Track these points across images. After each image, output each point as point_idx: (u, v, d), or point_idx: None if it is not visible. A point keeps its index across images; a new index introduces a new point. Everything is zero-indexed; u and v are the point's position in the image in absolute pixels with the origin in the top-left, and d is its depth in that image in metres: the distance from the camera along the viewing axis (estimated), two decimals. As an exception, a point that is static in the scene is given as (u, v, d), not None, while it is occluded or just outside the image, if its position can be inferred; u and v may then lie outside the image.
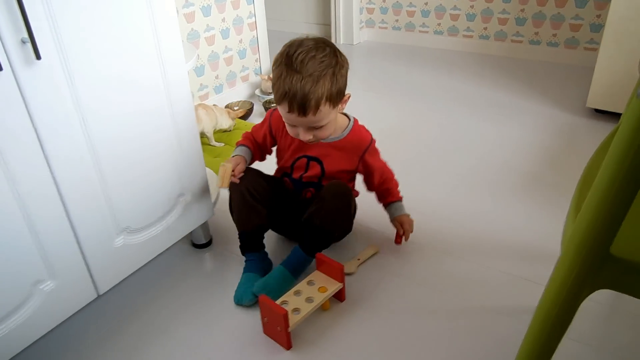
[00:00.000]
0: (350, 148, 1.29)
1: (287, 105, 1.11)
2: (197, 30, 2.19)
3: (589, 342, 1.08)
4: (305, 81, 1.08)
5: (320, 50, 1.12)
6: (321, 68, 1.10)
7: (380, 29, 3.44)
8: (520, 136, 2.01)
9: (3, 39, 0.83)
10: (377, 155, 1.36)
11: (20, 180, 0.91)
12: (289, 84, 1.09)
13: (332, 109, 1.15)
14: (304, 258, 1.26)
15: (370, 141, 1.31)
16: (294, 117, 1.13)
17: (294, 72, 1.09)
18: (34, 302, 0.99)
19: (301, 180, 1.33)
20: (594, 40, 2.72)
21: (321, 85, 1.09)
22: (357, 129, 1.31)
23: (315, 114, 1.12)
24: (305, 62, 1.09)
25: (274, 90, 1.14)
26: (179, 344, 1.13)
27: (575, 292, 0.63)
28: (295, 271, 1.26)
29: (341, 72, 1.15)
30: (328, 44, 1.15)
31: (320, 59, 1.11)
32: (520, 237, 1.42)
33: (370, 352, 1.09)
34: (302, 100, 1.09)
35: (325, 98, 1.11)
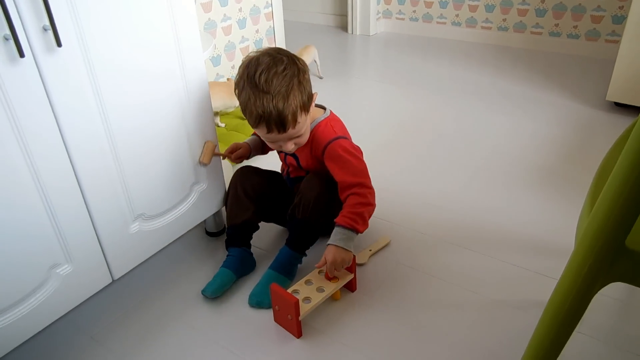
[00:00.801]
0: (312, 147, 1.24)
1: (265, 126, 1.11)
2: (214, 20, 2.19)
3: (599, 337, 1.07)
4: (277, 99, 1.07)
5: (280, 63, 1.10)
6: (287, 81, 1.09)
7: (397, 20, 3.41)
8: (538, 129, 1.98)
9: (25, 26, 0.84)
10: (339, 161, 1.19)
11: (41, 168, 0.92)
12: (261, 107, 1.08)
13: (307, 115, 1.16)
14: (291, 255, 1.24)
15: (327, 142, 1.19)
16: (274, 135, 1.13)
17: (262, 94, 1.08)
18: (50, 285, 1.01)
19: (289, 177, 1.36)
20: (616, 32, 2.66)
21: (293, 98, 1.09)
22: (323, 125, 1.22)
23: (294, 126, 1.12)
24: (270, 81, 1.08)
25: (247, 115, 1.13)
26: (190, 330, 1.14)
27: (589, 285, 0.62)
28: (285, 270, 1.24)
29: (305, 77, 1.14)
30: (283, 53, 1.13)
31: (282, 72, 1.09)
32: (534, 231, 1.41)
33: (379, 343, 1.09)
34: (279, 118, 1.09)
35: (300, 108, 1.11)
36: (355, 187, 1.17)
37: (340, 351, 1.08)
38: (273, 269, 1.24)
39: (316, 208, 1.20)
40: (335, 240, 1.13)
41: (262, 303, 1.19)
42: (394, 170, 1.74)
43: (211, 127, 1.27)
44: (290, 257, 1.25)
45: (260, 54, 1.13)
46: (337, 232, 1.15)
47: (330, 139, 1.20)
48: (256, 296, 1.20)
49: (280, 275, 1.23)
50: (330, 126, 1.23)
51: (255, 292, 1.20)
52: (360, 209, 1.15)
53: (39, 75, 0.88)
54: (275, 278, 1.22)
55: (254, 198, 1.30)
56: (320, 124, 1.23)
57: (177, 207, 1.25)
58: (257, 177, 1.32)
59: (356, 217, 1.15)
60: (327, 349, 1.08)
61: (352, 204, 1.16)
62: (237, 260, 1.26)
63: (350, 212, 1.15)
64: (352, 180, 1.17)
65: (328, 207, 1.22)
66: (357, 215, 1.15)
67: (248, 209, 1.28)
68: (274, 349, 1.09)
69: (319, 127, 1.23)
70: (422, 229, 1.43)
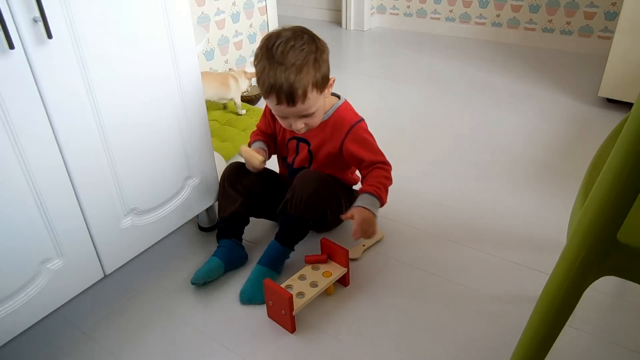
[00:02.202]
0: (332, 129, 1.26)
1: (275, 97, 1.12)
2: (208, 14, 2.18)
3: (590, 331, 1.08)
4: (289, 71, 1.09)
5: (299, 39, 1.12)
6: (302, 56, 1.10)
7: (391, 15, 3.41)
8: (531, 125, 1.99)
9: (15, 17, 0.83)
10: (364, 142, 1.24)
11: (31, 161, 0.91)
12: (274, 77, 1.10)
13: (319, 95, 1.16)
14: (280, 250, 1.24)
15: (352, 124, 1.24)
16: (283, 108, 1.14)
17: (277, 64, 1.10)
18: (41, 280, 1.00)
19: (293, 166, 1.35)
20: (609, 28, 2.67)
21: (305, 73, 1.10)
22: (343, 109, 1.27)
23: (304, 102, 1.12)
24: (286, 53, 1.10)
25: (260, 84, 1.15)
26: (183, 325, 1.14)
27: (580, 278, 0.62)
28: (274, 265, 1.23)
29: (323, 57, 1.15)
30: (306, 32, 1.15)
31: (300, 47, 1.11)
32: (527, 226, 1.41)
33: (373, 337, 1.09)
34: (289, 90, 1.10)
35: (312, 85, 1.12)
36: (379, 163, 1.24)
37: (334, 346, 1.08)
38: (262, 265, 1.23)
39: (309, 204, 1.20)
40: (364, 204, 1.17)
41: (254, 299, 1.18)
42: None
43: (204, 120, 1.26)
44: (280, 252, 1.24)
45: (283, 29, 1.15)
46: (364, 197, 1.19)
47: (355, 120, 1.25)
48: (247, 293, 1.19)
49: (269, 270, 1.22)
50: (350, 109, 1.29)
51: (245, 288, 1.20)
52: (384, 181, 1.22)
53: (29, 67, 0.87)
54: (265, 273, 1.21)
55: (242, 192, 1.30)
56: (340, 108, 1.27)
57: (170, 202, 1.24)
58: (246, 172, 1.32)
59: (382, 187, 1.21)
60: (321, 343, 1.08)
61: (377, 175, 1.22)
62: (226, 250, 1.26)
63: (377, 182, 1.20)
64: (376, 158, 1.24)
65: (321, 204, 1.23)
66: (383, 186, 1.21)
67: (236, 201, 1.28)
68: (268, 344, 1.09)
69: (339, 111, 1.26)
70: (415, 225, 1.43)
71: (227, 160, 1.77)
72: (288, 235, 1.24)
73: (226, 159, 1.76)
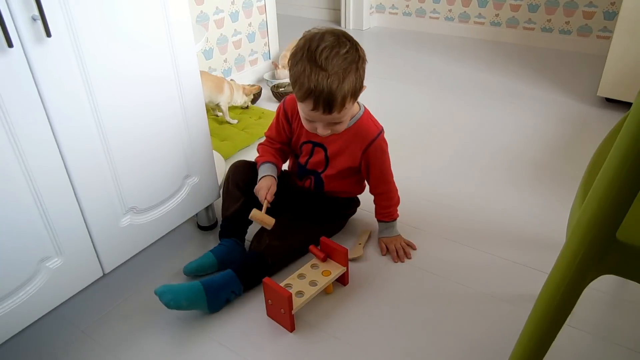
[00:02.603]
0: (354, 138, 1.25)
1: (312, 102, 1.08)
2: (207, 13, 2.17)
3: (589, 330, 1.08)
4: (332, 79, 1.06)
5: (343, 46, 1.09)
6: (345, 65, 1.07)
7: (390, 15, 3.41)
8: (530, 124, 1.99)
9: (14, 15, 0.83)
10: (383, 154, 1.28)
11: (30, 159, 0.91)
12: (315, 82, 1.06)
13: (353, 104, 1.15)
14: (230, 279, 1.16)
15: (376, 135, 1.25)
16: (317, 114, 1.11)
17: (319, 69, 1.06)
18: (40, 278, 1.00)
19: (305, 167, 1.34)
20: (608, 28, 2.67)
21: (347, 83, 1.07)
22: (366, 119, 1.26)
23: (340, 111, 1.11)
24: (330, 59, 1.06)
25: (296, 86, 1.10)
26: (182, 324, 1.14)
27: (579, 277, 0.62)
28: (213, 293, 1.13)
29: (363, 67, 1.13)
30: (348, 38, 1.12)
31: (344, 55, 1.08)
32: (526, 225, 1.41)
33: (372, 336, 1.09)
34: (329, 98, 1.07)
35: (350, 94, 1.10)
36: (389, 186, 1.32)
37: (333, 345, 1.08)
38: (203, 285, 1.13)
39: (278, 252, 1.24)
40: (392, 233, 1.34)
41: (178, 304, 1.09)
42: (387, 165, 1.74)
43: (203, 119, 1.26)
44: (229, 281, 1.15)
45: (325, 31, 1.11)
46: (387, 226, 1.34)
47: (377, 132, 1.26)
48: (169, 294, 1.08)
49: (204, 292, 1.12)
50: (371, 120, 1.28)
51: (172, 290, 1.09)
52: (394, 203, 1.35)
53: (28, 66, 0.87)
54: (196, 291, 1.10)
55: (245, 190, 1.30)
56: (363, 119, 1.26)
57: (169, 201, 1.24)
58: (250, 171, 1.32)
59: (394, 210, 1.34)
60: (320, 342, 1.08)
61: (387, 205, 1.33)
62: (224, 248, 1.26)
63: (389, 208, 1.33)
64: (388, 179, 1.32)
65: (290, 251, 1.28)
66: (394, 209, 1.34)
67: (238, 200, 1.29)
68: (267, 343, 1.09)
69: (362, 122, 1.25)
70: (414, 224, 1.43)
71: (226, 159, 1.77)
72: (247, 270, 1.19)
73: (225, 158, 1.76)
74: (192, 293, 1.10)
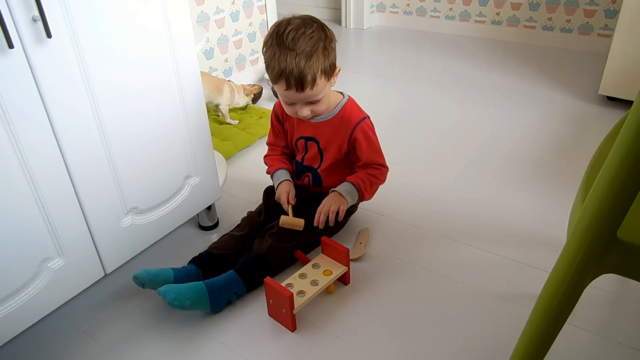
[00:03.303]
0: (340, 125, 1.29)
1: (285, 82, 1.14)
2: (207, 13, 2.17)
3: (591, 329, 1.08)
4: (300, 57, 1.11)
5: (309, 27, 1.15)
6: (312, 43, 1.13)
7: (391, 14, 3.40)
8: (530, 123, 1.99)
9: (14, 17, 0.83)
10: (368, 136, 1.30)
11: (30, 159, 0.91)
12: (284, 62, 1.11)
13: (327, 82, 1.19)
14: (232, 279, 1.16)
15: (360, 119, 1.29)
16: (291, 93, 1.16)
17: (287, 50, 1.12)
18: (42, 279, 1.00)
19: (302, 163, 1.36)
20: (609, 26, 2.67)
21: (315, 60, 1.13)
22: (349, 106, 1.31)
23: (312, 87, 1.15)
24: (297, 39, 1.12)
25: (269, 70, 1.17)
26: (184, 324, 1.14)
27: (580, 276, 0.62)
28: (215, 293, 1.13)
29: (331, 45, 1.18)
30: (315, 20, 1.18)
31: (310, 34, 1.14)
32: (527, 224, 1.41)
33: (373, 335, 1.09)
34: (299, 76, 1.12)
35: (321, 71, 1.14)
36: (375, 164, 1.31)
37: (334, 344, 1.08)
38: (206, 285, 1.13)
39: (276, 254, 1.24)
40: (340, 189, 1.27)
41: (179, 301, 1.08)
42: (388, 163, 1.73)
43: (204, 120, 1.26)
44: (231, 282, 1.15)
45: (292, 16, 1.18)
46: (345, 184, 1.28)
47: (361, 117, 1.30)
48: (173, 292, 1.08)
49: (207, 292, 1.12)
50: (355, 107, 1.32)
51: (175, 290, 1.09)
52: (373, 179, 1.30)
53: (29, 67, 0.87)
54: (198, 292, 1.10)
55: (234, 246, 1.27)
56: (347, 105, 1.30)
57: (170, 201, 1.24)
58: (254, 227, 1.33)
59: (367, 182, 1.29)
60: (322, 342, 1.08)
61: (369, 173, 1.30)
62: (184, 272, 1.18)
63: (364, 176, 1.29)
64: (377, 160, 1.31)
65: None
66: (369, 182, 1.29)
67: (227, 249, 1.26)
68: (269, 342, 1.09)
69: (346, 108, 1.30)
70: (415, 223, 1.43)
71: (227, 159, 1.77)
72: (250, 271, 1.19)
73: (226, 158, 1.76)
74: (195, 293, 1.10)
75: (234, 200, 1.56)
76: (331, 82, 1.22)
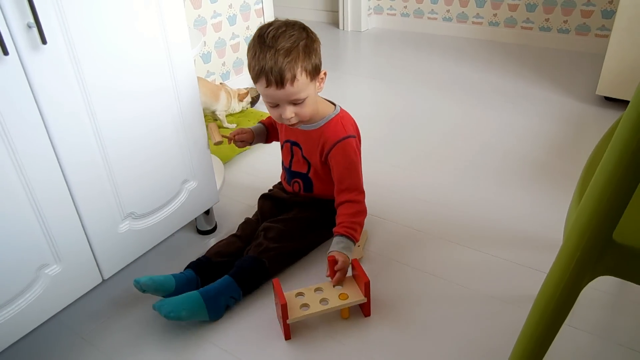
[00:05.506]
0: (319, 139, 1.24)
1: (265, 79, 1.11)
2: (204, 17, 2.18)
3: (589, 330, 1.08)
4: (279, 54, 1.09)
5: (290, 28, 1.14)
6: (292, 40, 1.11)
7: (388, 16, 3.41)
8: (528, 124, 1.99)
9: (9, 23, 0.83)
10: (344, 158, 1.22)
11: (27, 165, 0.91)
12: (263, 59, 1.10)
13: (310, 82, 1.15)
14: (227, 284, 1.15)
15: (338, 140, 1.22)
16: (272, 91, 1.13)
17: (267, 48, 1.10)
18: (39, 286, 1.00)
19: (290, 169, 1.35)
20: (606, 27, 2.67)
21: (295, 55, 1.10)
22: (335, 122, 1.24)
23: (292, 83, 1.11)
24: (277, 37, 1.11)
25: (250, 70, 1.15)
26: (183, 329, 1.14)
27: (577, 278, 0.62)
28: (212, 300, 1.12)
29: (313, 45, 1.15)
30: (298, 23, 1.17)
31: (291, 33, 1.12)
32: (526, 225, 1.41)
33: (371, 339, 1.09)
34: (278, 71, 1.09)
35: (301, 67, 1.12)
36: (353, 192, 1.23)
37: (334, 348, 1.08)
38: (201, 293, 1.12)
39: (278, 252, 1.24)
40: (339, 248, 1.16)
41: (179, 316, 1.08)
42: (386, 166, 1.74)
43: (200, 124, 1.26)
44: (227, 288, 1.15)
45: (275, 20, 1.17)
46: (339, 241, 1.17)
47: (340, 137, 1.23)
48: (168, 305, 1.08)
49: (202, 300, 1.11)
50: (341, 124, 1.25)
51: (169, 303, 1.08)
52: (359, 218, 1.22)
53: (24, 74, 0.87)
54: (196, 301, 1.10)
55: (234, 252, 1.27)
56: (331, 121, 1.25)
57: (167, 206, 1.24)
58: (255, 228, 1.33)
59: (356, 227, 1.20)
60: (322, 346, 1.08)
61: (351, 212, 1.21)
62: (184, 277, 1.18)
63: (351, 222, 1.19)
64: (352, 183, 1.23)
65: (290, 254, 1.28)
66: (357, 225, 1.20)
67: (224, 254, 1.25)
68: (268, 347, 1.09)
69: (329, 124, 1.24)
70: (414, 225, 1.43)
71: (225, 162, 1.77)
72: (244, 275, 1.18)
73: (224, 162, 1.76)
74: (190, 303, 1.09)
75: (232, 205, 1.56)
76: (317, 85, 1.18)
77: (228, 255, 1.24)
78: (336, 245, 1.16)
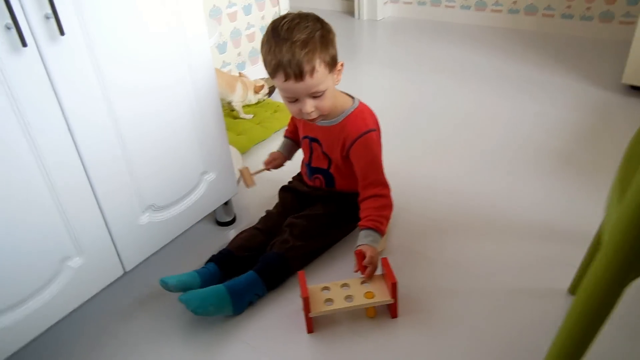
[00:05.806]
0: (340, 135, 1.21)
1: (283, 73, 1.08)
2: (219, 7, 2.16)
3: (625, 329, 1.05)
4: (295, 46, 1.05)
5: (304, 19, 1.10)
6: (308, 31, 1.07)
7: (404, 4, 3.35)
8: (550, 113, 1.94)
9: (27, 15, 0.82)
10: (367, 152, 1.20)
11: (47, 158, 0.91)
12: (280, 53, 1.06)
13: (328, 73, 1.12)
14: (253, 281, 1.15)
15: (360, 134, 1.19)
16: (291, 85, 1.09)
17: (283, 41, 1.06)
18: (62, 278, 1.00)
19: (310, 165, 1.33)
20: (630, 13, 2.60)
21: (311, 47, 1.07)
22: (355, 115, 1.22)
23: (312, 75, 1.08)
24: (292, 29, 1.07)
25: (267, 65, 1.11)
26: (205, 322, 1.13)
27: (619, 277, 0.60)
28: (237, 295, 1.12)
29: (329, 36, 1.12)
30: (311, 14, 1.13)
31: (305, 25, 1.09)
32: (549, 216, 1.38)
33: (392, 332, 1.07)
34: (296, 63, 1.06)
35: (319, 59, 1.08)
36: (379, 187, 1.20)
37: (358, 343, 1.06)
38: (227, 288, 1.11)
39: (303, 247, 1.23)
40: (368, 242, 1.14)
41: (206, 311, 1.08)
42: (405, 156, 1.71)
43: (219, 115, 1.25)
44: (252, 284, 1.15)
45: (289, 12, 1.13)
46: (366, 235, 1.15)
47: (362, 132, 1.20)
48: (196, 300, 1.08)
49: (229, 296, 1.11)
50: (361, 118, 1.22)
51: (196, 297, 1.08)
52: (385, 211, 1.19)
53: (43, 65, 0.86)
54: (223, 297, 1.10)
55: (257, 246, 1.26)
56: (351, 115, 1.22)
57: (187, 197, 1.23)
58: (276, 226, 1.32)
59: (382, 220, 1.18)
60: (345, 341, 1.07)
61: (376, 206, 1.18)
62: (207, 271, 1.17)
63: (377, 215, 1.17)
64: (376, 178, 1.21)
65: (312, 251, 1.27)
66: (384, 218, 1.18)
67: (245, 248, 1.24)
68: (290, 340, 1.08)
69: (350, 119, 1.21)
70: (434, 215, 1.41)
71: (242, 153, 1.76)
72: (270, 271, 1.18)
73: (242, 152, 1.75)
74: (218, 298, 1.09)
75: (251, 196, 1.55)
76: (334, 77, 1.15)
77: (251, 250, 1.23)
78: (364, 238, 1.14)
